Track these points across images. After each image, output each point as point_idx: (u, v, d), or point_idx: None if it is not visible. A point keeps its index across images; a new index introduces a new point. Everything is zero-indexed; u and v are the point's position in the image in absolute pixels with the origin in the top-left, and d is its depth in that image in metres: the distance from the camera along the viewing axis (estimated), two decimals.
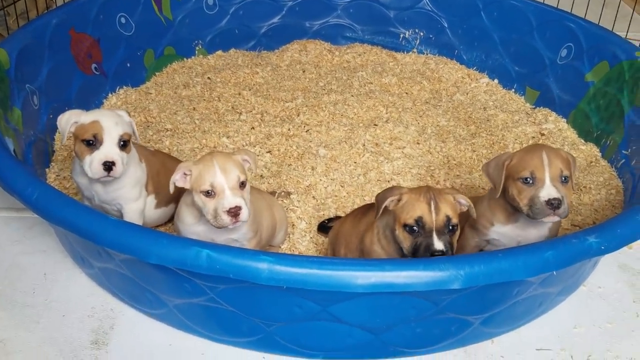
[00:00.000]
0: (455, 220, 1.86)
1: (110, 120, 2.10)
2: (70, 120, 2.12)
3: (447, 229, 1.84)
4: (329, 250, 2.34)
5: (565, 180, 2.00)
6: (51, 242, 2.48)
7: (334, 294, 1.78)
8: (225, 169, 1.92)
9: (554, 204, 1.94)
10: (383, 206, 1.91)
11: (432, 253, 1.79)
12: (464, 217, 2.15)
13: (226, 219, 1.90)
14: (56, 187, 2.66)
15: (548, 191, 1.96)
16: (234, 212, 1.89)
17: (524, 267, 1.73)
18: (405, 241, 1.87)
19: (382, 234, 1.99)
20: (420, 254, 1.82)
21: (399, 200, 1.91)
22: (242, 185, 1.96)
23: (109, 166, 2.07)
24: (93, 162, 2.07)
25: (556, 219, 1.99)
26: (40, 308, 2.19)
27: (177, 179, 1.99)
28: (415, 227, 1.84)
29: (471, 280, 1.69)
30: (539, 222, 2.07)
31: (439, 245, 1.80)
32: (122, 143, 2.11)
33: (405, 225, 1.85)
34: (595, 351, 2.13)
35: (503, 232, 2.16)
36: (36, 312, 2.17)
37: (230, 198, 1.90)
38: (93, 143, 2.08)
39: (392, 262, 1.72)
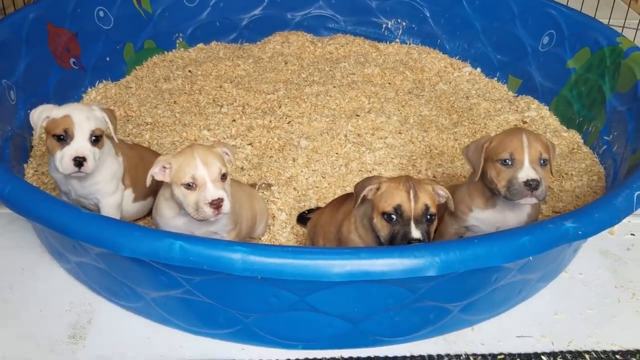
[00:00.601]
0: (433, 210, 1.86)
1: (82, 115, 2.07)
2: (42, 115, 2.09)
3: (425, 218, 1.84)
4: (307, 241, 2.33)
5: (544, 163, 2.00)
6: (30, 238, 2.45)
7: (310, 284, 1.77)
8: (207, 162, 1.90)
9: (532, 185, 1.93)
10: (362, 195, 1.90)
11: (409, 241, 1.79)
12: (443, 207, 2.15)
13: (208, 211, 1.88)
14: (34, 183, 2.66)
15: (526, 172, 1.95)
16: (217, 204, 1.88)
17: (499, 253, 1.72)
18: (383, 229, 1.86)
19: (359, 223, 1.98)
20: (397, 241, 1.81)
21: (377, 189, 1.90)
22: (224, 177, 1.94)
23: (79, 162, 2.04)
24: (64, 157, 2.05)
25: (533, 200, 1.98)
26: (18, 303, 2.17)
27: (156, 172, 1.96)
28: (393, 215, 1.83)
29: (447, 267, 1.68)
30: (517, 206, 2.07)
31: (416, 233, 1.79)
32: (94, 138, 2.08)
33: (383, 214, 1.84)
34: (577, 337, 2.12)
35: (482, 217, 2.16)
36: (14, 307, 2.15)
37: (213, 190, 1.88)
38: (64, 138, 2.05)
39: (367, 250, 1.70)
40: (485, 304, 2.08)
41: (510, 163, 1.99)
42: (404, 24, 4.13)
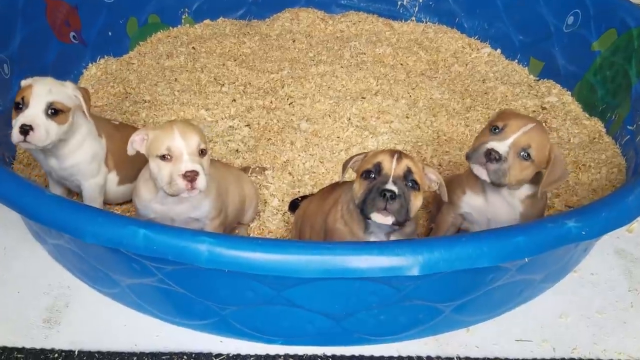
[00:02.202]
0: (417, 177, 1.67)
1: (44, 87, 1.96)
2: (20, 84, 2.01)
3: (405, 182, 1.65)
4: (293, 230, 2.20)
5: (525, 156, 1.82)
6: (14, 216, 2.37)
7: (285, 278, 1.65)
8: (185, 134, 1.79)
9: (490, 156, 1.79)
10: (348, 166, 1.78)
11: (382, 192, 1.60)
12: (440, 200, 2.01)
13: (181, 183, 1.76)
14: (26, 161, 2.58)
15: (498, 143, 1.81)
16: (191, 177, 1.76)
17: (489, 253, 1.57)
18: (361, 188, 1.69)
19: (345, 210, 1.84)
20: (370, 196, 1.63)
21: (364, 159, 1.76)
22: (202, 153, 1.82)
23: (25, 130, 1.91)
24: (15, 126, 1.93)
25: (483, 174, 1.82)
26: None
27: (136, 140, 1.86)
28: (372, 173, 1.67)
29: (430, 267, 1.54)
30: (508, 199, 1.94)
31: (392, 186, 1.61)
32: (52, 111, 1.96)
33: (362, 173, 1.69)
34: (581, 344, 1.97)
35: (473, 204, 2.02)
36: None
37: (188, 162, 1.77)
38: (21, 107, 1.95)
39: (343, 245, 1.57)
40: (481, 305, 1.94)
41: (497, 132, 1.85)
42: (420, 0, 3.93)
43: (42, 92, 1.95)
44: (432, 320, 1.89)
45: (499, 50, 3.68)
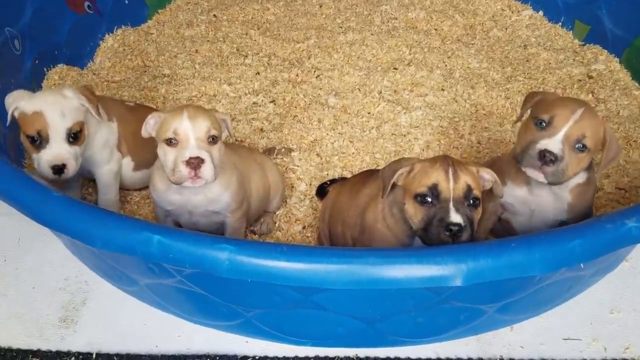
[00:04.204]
0: (477, 193, 1.53)
1: (56, 112, 1.79)
2: (13, 103, 1.82)
3: (467, 202, 1.51)
4: (319, 221, 2.04)
5: (581, 148, 1.64)
6: None
7: None
8: (194, 117, 1.65)
9: (546, 158, 1.61)
10: (392, 182, 1.59)
11: (447, 226, 1.46)
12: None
13: (184, 170, 1.62)
14: None
15: (551, 142, 1.63)
16: (195, 164, 1.61)
17: (541, 261, 1.39)
18: (416, 215, 1.54)
19: (388, 212, 1.67)
20: (433, 229, 1.49)
21: (409, 172, 1.59)
22: (213, 140, 1.68)
23: (59, 169, 1.79)
24: (40, 162, 1.80)
25: (541, 178, 1.66)
26: (9, 278, 2.01)
27: (150, 123, 1.73)
28: (428, 197, 1.51)
29: (475, 277, 1.38)
30: (556, 189, 1.75)
31: (456, 217, 1.46)
32: (72, 137, 1.82)
33: (416, 196, 1.53)
34: (635, 343, 1.81)
35: (516, 195, 1.84)
36: (5, 283, 2.00)
37: (194, 148, 1.62)
38: (39, 141, 1.80)
39: (377, 253, 1.41)
40: (528, 304, 1.79)
41: (545, 126, 1.66)
42: None
43: (56, 119, 1.79)
44: (474, 321, 1.74)
45: (541, 13, 3.43)
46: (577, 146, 1.63)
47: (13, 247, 2.12)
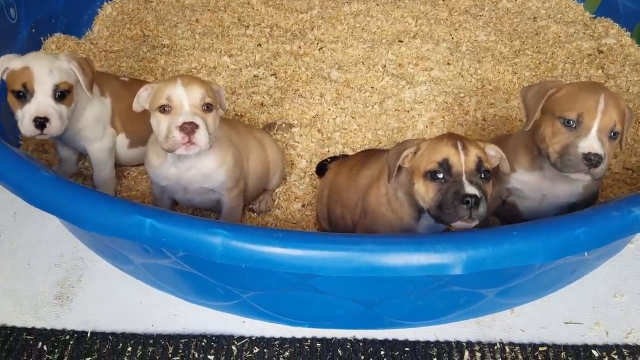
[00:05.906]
0: (487, 165, 1.49)
1: (44, 67, 1.76)
2: (2, 65, 1.79)
3: (479, 175, 1.47)
4: (317, 202, 2.00)
5: (614, 136, 1.58)
6: None
7: None
8: (188, 84, 1.62)
9: (592, 161, 1.53)
10: (397, 165, 1.54)
11: (463, 198, 1.41)
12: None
13: (178, 136, 1.59)
14: None
15: (590, 143, 1.55)
16: (189, 130, 1.58)
17: (545, 249, 1.36)
18: (428, 193, 1.49)
19: (392, 196, 1.63)
20: (448, 204, 1.44)
21: (415, 153, 1.54)
22: (208, 108, 1.64)
23: (41, 123, 1.75)
24: (24, 117, 1.76)
25: (587, 178, 1.59)
26: (4, 254, 2.00)
27: (142, 96, 1.70)
28: (439, 173, 1.47)
29: (475, 265, 1.34)
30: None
31: (470, 189, 1.42)
32: (59, 94, 1.78)
33: (427, 173, 1.48)
34: (637, 327, 1.78)
35: (526, 180, 1.78)
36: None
37: (188, 114, 1.59)
38: (23, 95, 1.76)
39: (375, 239, 1.37)
40: (529, 288, 1.75)
41: (574, 125, 1.58)
42: None
43: (44, 74, 1.75)
44: (474, 305, 1.71)
45: None
46: (611, 135, 1.57)
47: (9, 222, 2.10)
